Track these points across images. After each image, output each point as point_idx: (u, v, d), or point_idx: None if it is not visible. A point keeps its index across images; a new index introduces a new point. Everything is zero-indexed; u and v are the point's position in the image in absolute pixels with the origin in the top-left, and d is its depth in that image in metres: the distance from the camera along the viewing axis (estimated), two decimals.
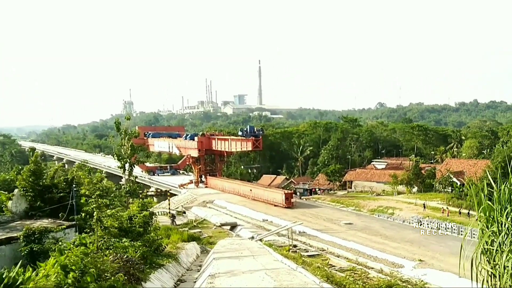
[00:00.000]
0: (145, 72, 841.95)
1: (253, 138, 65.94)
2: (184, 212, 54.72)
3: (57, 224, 20.75)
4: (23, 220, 22.13)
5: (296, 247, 33.68)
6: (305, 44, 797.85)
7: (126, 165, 39.27)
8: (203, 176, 78.07)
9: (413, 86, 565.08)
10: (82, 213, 21.69)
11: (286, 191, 59.69)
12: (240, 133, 69.08)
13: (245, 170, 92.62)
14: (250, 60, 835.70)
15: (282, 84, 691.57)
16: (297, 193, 71.14)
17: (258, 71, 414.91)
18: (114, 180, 65.84)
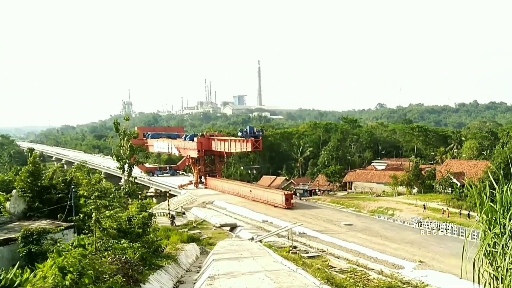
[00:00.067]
0: (144, 73, 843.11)
1: (253, 139, 65.76)
2: (184, 213, 54.50)
3: (56, 225, 20.65)
4: (21, 221, 22.03)
5: (296, 248, 33.58)
6: (305, 45, 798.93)
7: (125, 166, 39.20)
8: (203, 177, 77.88)
9: (413, 87, 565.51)
10: (81, 214, 21.52)
11: (286, 192, 59.55)
12: (240, 134, 69.00)
13: (245, 171, 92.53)
14: (250, 61, 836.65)
15: (282, 85, 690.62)
16: (297, 194, 70.97)
17: (258, 72, 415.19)
18: (113, 181, 65.71)
